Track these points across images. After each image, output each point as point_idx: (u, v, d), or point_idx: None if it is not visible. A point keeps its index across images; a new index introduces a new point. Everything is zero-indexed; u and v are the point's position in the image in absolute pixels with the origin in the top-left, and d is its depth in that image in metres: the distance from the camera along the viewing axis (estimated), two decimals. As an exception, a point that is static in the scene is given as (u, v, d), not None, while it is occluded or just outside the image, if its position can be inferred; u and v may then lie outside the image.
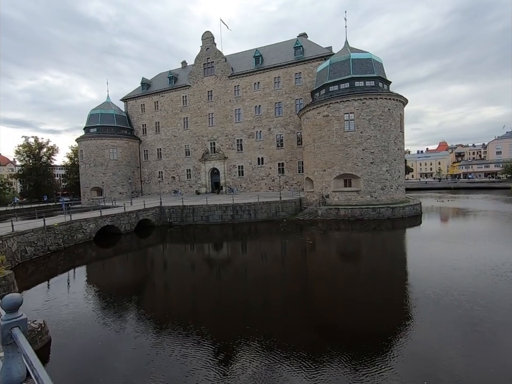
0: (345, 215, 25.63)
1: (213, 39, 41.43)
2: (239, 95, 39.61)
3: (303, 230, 23.07)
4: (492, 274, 11.36)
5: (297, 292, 11.17)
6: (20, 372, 1.56)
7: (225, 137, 40.84)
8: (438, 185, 73.64)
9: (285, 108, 37.21)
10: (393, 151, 26.93)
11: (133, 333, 8.15)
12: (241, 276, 13.58)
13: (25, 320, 1.67)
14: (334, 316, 9.07)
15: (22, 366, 1.58)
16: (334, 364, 6.33)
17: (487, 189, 60.45)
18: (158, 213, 27.54)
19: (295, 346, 7.14)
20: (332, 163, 27.41)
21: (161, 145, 45.19)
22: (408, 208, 25.99)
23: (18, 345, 1.54)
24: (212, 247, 20.42)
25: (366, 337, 7.53)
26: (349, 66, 27.65)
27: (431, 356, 6.57)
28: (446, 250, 15.86)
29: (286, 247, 18.48)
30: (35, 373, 1.30)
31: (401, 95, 27.61)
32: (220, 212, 26.48)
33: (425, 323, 8.08)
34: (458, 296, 9.58)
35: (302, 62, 36.04)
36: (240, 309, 9.66)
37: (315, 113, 28.49)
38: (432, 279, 11.35)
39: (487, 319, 8.11)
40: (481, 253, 14.63)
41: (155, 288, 12.68)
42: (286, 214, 27.44)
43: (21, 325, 1.64)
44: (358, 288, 11.11)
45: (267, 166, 38.70)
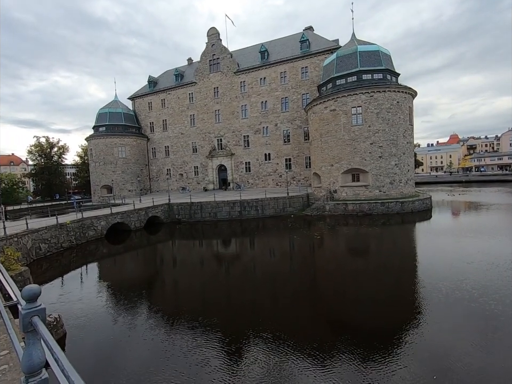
0: (354, 210, 25.45)
1: (219, 35, 41.30)
2: (245, 91, 39.49)
3: (311, 225, 23.03)
4: (505, 269, 11.17)
5: (305, 288, 11.21)
6: (40, 357, 1.66)
7: (232, 134, 40.88)
8: (449, 178, 72.14)
9: (292, 103, 36.95)
10: (402, 144, 26.52)
11: (144, 328, 8.35)
12: (250, 272, 13.70)
13: (43, 309, 1.77)
14: (343, 311, 9.09)
15: (42, 352, 1.68)
16: (344, 360, 6.36)
17: (501, 182, 58.93)
18: (166, 209, 27.88)
19: (304, 342, 7.20)
20: (339, 158, 27.18)
21: (169, 142, 45.54)
22: (418, 202, 25.63)
23: (39, 331, 1.63)
24: (220, 243, 20.60)
25: (376, 332, 7.54)
26: (356, 59, 27.24)
27: (443, 351, 6.54)
28: (457, 244, 15.64)
29: (294, 242, 18.51)
30: (55, 356, 1.39)
31: (410, 87, 27.07)
32: (227, 208, 26.63)
33: (437, 317, 8.04)
34: (471, 290, 9.49)
35: (308, 56, 35.64)
36: (249, 305, 9.77)
37: (322, 108, 28.22)
38: (443, 273, 11.25)
39: (500, 313, 8.03)
40: (493, 247, 14.38)
41: (165, 284, 12.91)
42: (294, 210, 27.40)
43: (40, 314, 1.73)
44: (368, 283, 11.09)
45: (274, 161, 38.61)
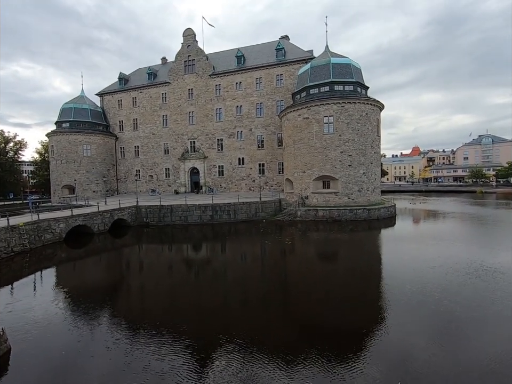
0: (324, 216, 26.07)
1: (195, 37, 40.79)
2: (220, 94, 39.26)
3: (283, 230, 23.19)
4: (463, 273, 11.96)
5: (276, 292, 11.15)
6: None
7: (206, 137, 40.32)
8: (411, 188, 77.06)
9: (266, 109, 37.32)
10: (370, 154, 27.75)
11: (106, 338, 7.75)
12: (221, 277, 13.37)
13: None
14: (313, 315, 9.12)
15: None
16: (313, 363, 6.34)
17: (456, 192, 64.01)
18: (134, 212, 26.63)
19: (275, 345, 7.11)
20: (311, 165, 27.79)
21: (139, 142, 43.83)
22: (383, 210, 26.87)
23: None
24: (190, 247, 20.01)
25: (344, 335, 7.64)
26: (329, 70, 28.19)
27: (407, 351, 6.76)
28: (419, 249, 16.53)
29: (265, 247, 18.47)
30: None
31: (378, 101, 28.51)
32: (199, 212, 26.04)
33: (402, 319, 8.35)
34: (433, 293, 10.03)
35: (283, 64, 36.32)
36: (219, 310, 9.48)
37: (296, 115, 28.78)
38: (407, 277, 11.80)
39: (460, 314, 8.54)
40: (451, 252, 15.37)
41: (130, 291, 12.18)
42: (266, 215, 27.47)
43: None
44: (337, 288, 11.28)
45: (247, 166, 38.61)
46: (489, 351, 6.70)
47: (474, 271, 12.07)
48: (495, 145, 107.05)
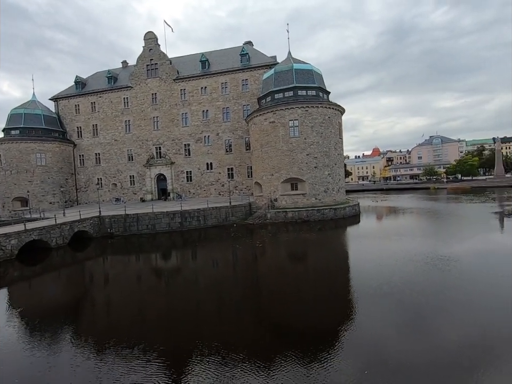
0: (293, 217, 26.67)
1: (156, 40, 39.86)
2: (186, 99, 38.70)
3: (253, 233, 23.33)
4: (421, 263, 12.92)
5: (249, 295, 11.19)
6: None
7: (172, 142, 39.42)
8: (373, 187, 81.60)
9: (233, 113, 37.47)
10: (334, 156, 28.99)
11: (69, 359, 7.23)
12: (192, 284, 13.11)
13: None
14: (285, 315, 9.27)
15: None
16: (288, 363, 6.43)
17: (412, 189, 68.93)
18: (97, 223, 25.17)
19: (250, 349, 7.12)
20: (279, 167, 28.35)
21: (100, 149, 41.62)
22: (348, 208, 28.15)
23: None
24: (159, 256, 19.36)
25: (317, 332, 7.87)
26: (292, 75, 29.10)
27: (376, 342, 7.13)
28: (383, 245, 17.55)
29: (236, 251, 18.44)
30: None
31: (339, 105, 29.94)
32: (167, 219, 25.31)
33: (370, 311, 8.82)
34: (397, 284, 10.74)
35: (248, 69, 36.79)
36: (192, 318, 9.29)
37: (262, 119, 29.25)
38: (373, 271, 12.50)
39: (422, 302, 9.20)
40: (411, 245, 16.53)
41: (95, 306, 11.49)
42: (236, 219, 27.45)
43: None
44: (307, 287, 11.59)
45: (216, 171, 38.36)
46: (451, 335, 7.28)
47: (431, 261, 13.09)
48: (444, 145, 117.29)
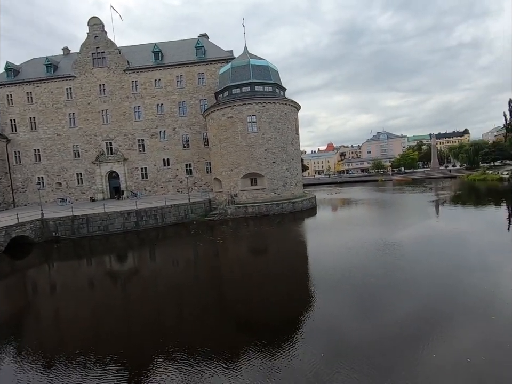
0: (253, 212, 27.00)
1: (103, 27, 36.88)
2: (138, 91, 36.58)
3: (214, 230, 23.14)
4: (372, 249, 14.01)
5: (211, 292, 11.12)
6: None
7: (124, 137, 37.08)
8: (328, 180, 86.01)
9: (190, 108, 36.42)
10: (291, 151, 29.84)
11: (13, 375, 6.50)
12: (151, 285, 12.61)
13: None
14: (248, 309, 9.41)
15: None
16: (254, 357, 6.48)
17: (363, 182, 74.05)
18: (39, 226, 22.79)
19: (215, 348, 7.06)
20: (238, 163, 28.37)
21: (40, 145, 37.57)
22: (306, 201, 29.31)
23: None
24: (114, 259, 18.25)
25: (278, 323, 8.12)
26: (249, 71, 29.14)
27: (332, 324, 7.59)
28: (337, 234, 18.67)
29: (197, 249, 18.15)
30: None
31: (295, 102, 30.81)
32: (121, 219, 23.88)
33: (327, 297, 9.39)
34: (351, 269, 11.56)
35: (204, 63, 35.96)
36: (152, 321, 8.94)
37: (220, 115, 28.90)
38: (330, 260, 13.28)
39: (374, 284, 10.01)
40: (362, 234, 17.80)
41: (40, 319, 10.45)
42: (196, 216, 26.95)
43: None
44: (269, 279, 11.87)
45: (174, 167, 37.09)
46: (398, 311, 8.06)
47: (380, 247, 14.26)
48: (389, 140, 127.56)
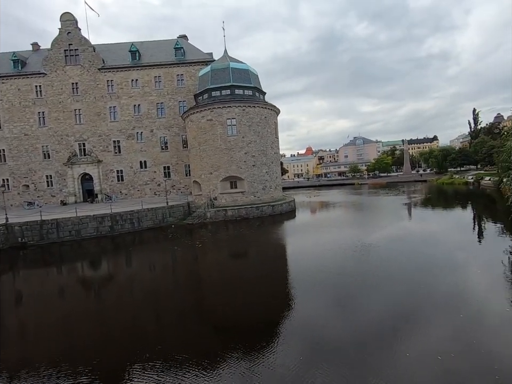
0: (233, 216, 26.86)
1: (76, 23, 35.48)
2: (114, 91, 35.45)
3: (193, 234, 22.76)
4: (350, 250, 14.40)
5: (190, 298, 10.89)
6: None
7: (99, 138, 35.73)
8: (307, 183, 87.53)
9: (168, 109, 35.78)
10: (270, 154, 30.08)
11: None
12: (127, 292, 12.14)
13: None
14: (228, 315, 9.28)
15: None
16: (231, 360, 6.41)
17: (340, 185, 76.06)
18: (3, 232, 21.29)
19: (193, 351, 6.90)
20: (217, 166, 28.17)
21: (5, 145, 35.32)
22: (285, 204, 29.60)
23: None
24: (86, 265, 17.41)
25: (258, 326, 8.06)
26: (229, 74, 29.13)
27: (311, 326, 7.63)
28: (316, 236, 18.96)
29: (175, 253, 17.75)
30: None
31: (275, 106, 31.13)
32: (94, 223, 22.87)
33: (306, 298, 9.44)
34: (330, 270, 11.83)
35: (183, 64, 35.54)
36: (128, 330, 8.56)
37: (199, 117, 28.61)
38: (309, 261, 13.52)
39: (351, 283, 10.32)
40: (340, 235, 18.27)
41: (2, 331, 9.71)
42: (174, 220, 26.40)
43: None
44: (248, 282, 11.81)
45: (151, 169, 36.20)
46: (378, 312, 8.25)
47: (357, 248, 14.65)
48: (365, 145, 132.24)
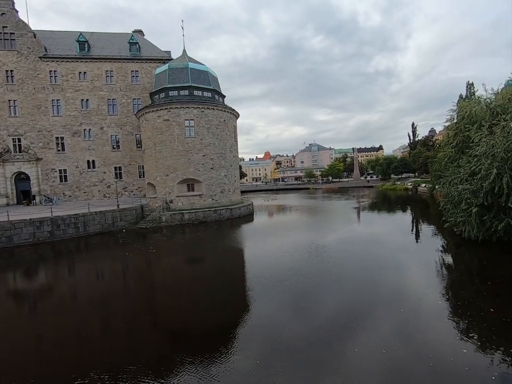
0: (190, 219, 26.13)
1: (13, 4, 31.68)
2: (58, 82, 32.33)
3: (146, 238, 21.61)
4: (305, 252, 14.89)
5: (142, 305, 10.24)
6: None
7: (38, 133, 32.20)
8: (265, 187, 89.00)
9: (121, 107, 33.69)
10: (229, 158, 29.99)
11: None
12: (70, 304, 10.96)
13: None
14: (183, 321, 8.93)
15: None
16: (187, 368, 6.17)
17: (297, 189, 78.89)
18: None
19: (147, 364, 6.47)
20: (174, 168, 27.23)
21: None
22: (243, 208, 29.70)
23: None
24: (19, 276, 15.41)
25: (215, 331, 7.88)
26: (188, 74, 28.49)
27: (267, 329, 7.67)
28: (273, 239, 19.29)
29: (126, 260, 16.62)
30: None
31: (234, 109, 31.18)
32: (31, 228, 20.42)
33: (263, 301, 9.55)
34: (286, 272, 12.04)
35: (138, 60, 33.86)
36: (70, 346, 7.71)
37: (155, 116, 27.44)
38: (266, 264, 13.67)
39: (306, 284, 10.61)
40: (296, 238, 18.79)
41: None
42: (126, 224, 24.80)
43: None
44: (205, 287, 11.54)
45: (100, 170, 33.64)
46: (330, 310, 8.64)
47: (312, 250, 15.27)
48: (320, 151, 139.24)
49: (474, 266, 12.41)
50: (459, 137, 17.89)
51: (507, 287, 9.72)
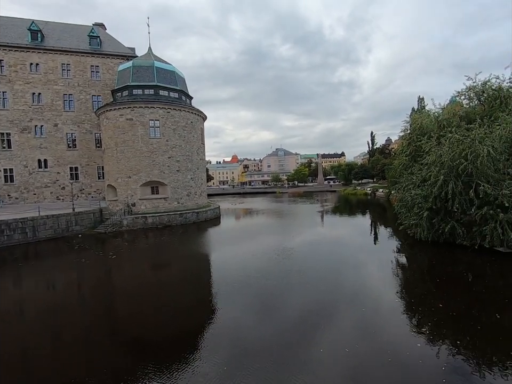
0: (154, 223, 25.12)
1: (-49, -17, 28.32)
2: (5, 73, 29.41)
3: (106, 243, 20.32)
4: (273, 255, 15.01)
5: (100, 314, 9.55)
6: None
7: (-21, 128, 28.88)
8: (232, 191, 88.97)
9: (78, 103, 31.53)
10: (196, 160, 29.45)
11: None
12: (14, 318, 9.84)
13: None
14: (145, 329, 8.46)
15: None
16: (151, 378, 5.86)
17: (264, 193, 79.78)
18: None
19: (107, 378, 6.01)
20: (137, 170, 26.04)
21: None
22: (210, 211, 29.27)
23: None
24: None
25: (180, 338, 7.61)
26: (153, 73, 27.56)
27: (234, 334, 7.56)
28: (241, 243, 19.25)
29: (82, 267, 15.42)
30: None
31: (202, 111, 30.75)
32: (-32, 234, 18.16)
33: (230, 305, 9.40)
34: (254, 275, 12.07)
35: (99, 55, 32.03)
36: (18, 362, 6.91)
37: (117, 115, 26.07)
38: (234, 267, 13.51)
39: (273, 286, 10.67)
40: (264, 241, 18.95)
41: None
42: (82, 228, 23.12)
43: None
44: (169, 293, 11.12)
45: (54, 170, 31.06)
46: (297, 311, 8.74)
47: (280, 252, 15.47)
48: (286, 156, 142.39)
49: (425, 266, 13.48)
50: (412, 147, 19.41)
51: (453, 284, 10.70)
